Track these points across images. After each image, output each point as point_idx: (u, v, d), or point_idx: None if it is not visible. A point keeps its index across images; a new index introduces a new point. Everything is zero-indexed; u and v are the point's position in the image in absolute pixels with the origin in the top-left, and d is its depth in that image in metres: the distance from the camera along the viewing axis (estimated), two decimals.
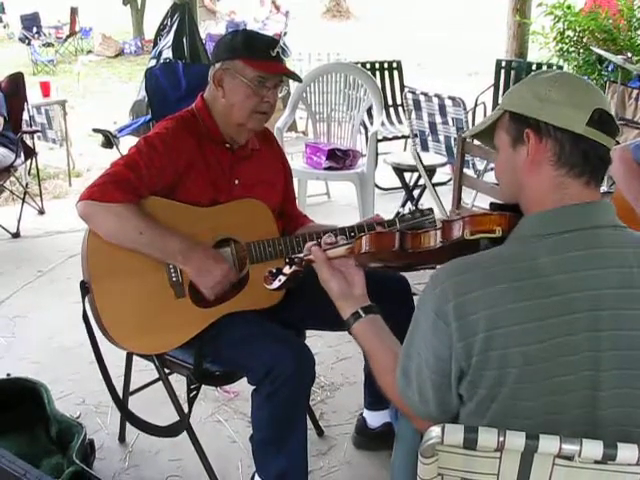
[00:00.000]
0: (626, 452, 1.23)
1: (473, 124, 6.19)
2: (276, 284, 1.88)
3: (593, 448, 1.23)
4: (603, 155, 1.42)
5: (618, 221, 1.42)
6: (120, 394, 2.66)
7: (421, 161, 4.97)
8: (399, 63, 7.27)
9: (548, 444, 1.24)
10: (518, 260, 1.36)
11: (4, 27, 20.44)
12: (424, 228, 1.66)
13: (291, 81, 5.72)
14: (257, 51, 2.35)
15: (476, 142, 3.91)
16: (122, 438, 2.91)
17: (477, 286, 1.34)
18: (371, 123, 5.77)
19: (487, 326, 1.31)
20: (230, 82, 2.37)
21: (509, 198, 1.53)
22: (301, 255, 1.83)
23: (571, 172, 1.40)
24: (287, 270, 1.86)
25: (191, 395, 2.39)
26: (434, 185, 5.13)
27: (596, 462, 1.25)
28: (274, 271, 1.89)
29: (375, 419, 2.78)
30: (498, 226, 1.50)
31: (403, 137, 6.56)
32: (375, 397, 2.70)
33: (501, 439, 1.25)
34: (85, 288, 2.33)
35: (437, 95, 5.13)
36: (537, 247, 1.36)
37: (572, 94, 1.42)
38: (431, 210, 2.36)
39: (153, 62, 6.89)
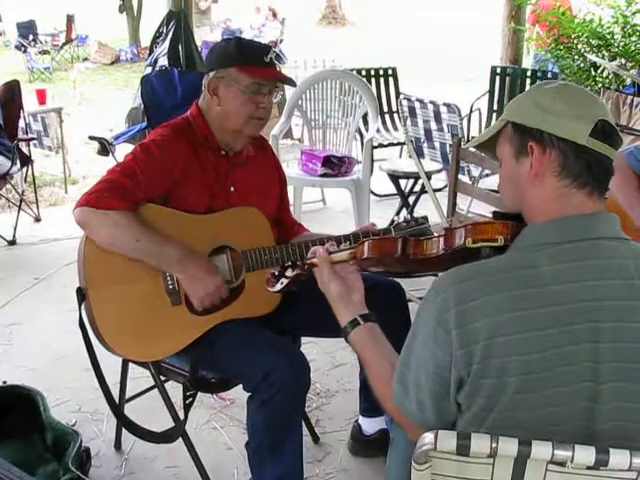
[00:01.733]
0: (618, 458, 1.23)
1: (468, 130, 6.22)
2: (278, 287, 1.89)
3: (585, 454, 1.24)
4: (606, 166, 1.42)
5: (621, 233, 1.42)
6: (116, 401, 2.66)
7: (421, 163, 4.98)
8: (394, 70, 7.28)
9: (541, 450, 1.25)
10: (520, 269, 1.36)
11: (0, 35, 20.45)
12: (426, 235, 1.67)
13: (287, 87, 5.75)
14: (251, 58, 2.36)
15: (471, 149, 3.93)
16: (118, 445, 2.91)
17: (478, 294, 1.33)
18: (366, 130, 5.79)
19: (488, 334, 1.31)
20: (225, 90, 2.38)
21: (512, 209, 1.53)
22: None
23: (574, 183, 1.40)
24: (290, 273, 1.86)
25: (187, 402, 2.40)
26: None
27: (588, 468, 1.25)
28: (276, 274, 1.90)
29: (370, 426, 2.78)
30: (500, 235, 1.50)
31: (398, 144, 6.58)
32: (370, 404, 2.70)
33: (494, 445, 1.25)
34: (81, 295, 2.33)
35: (432, 102, 5.15)
36: (539, 256, 1.36)
37: (575, 105, 1.42)
38: (426, 218, 2.38)
39: (149, 69, 6.91)
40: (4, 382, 2.89)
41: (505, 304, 1.32)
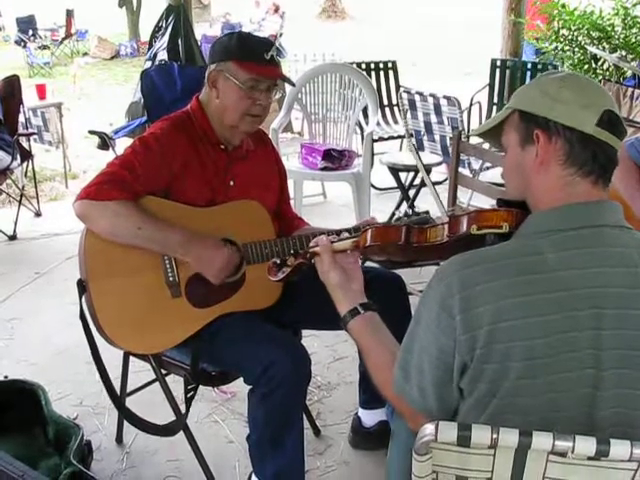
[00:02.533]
0: (619, 448, 1.23)
1: (468, 123, 6.21)
2: (280, 276, 1.89)
3: (586, 444, 1.24)
4: (611, 156, 1.43)
5: (624, 222, 1.43)
6: (117, 393, 2.66)
7: (419, 157, 4.97)
8: (394, 63, 7.27)
9: (541, 441, 1.24)
10: (524, 255, 1.37)
11: (0, 30, 20.43)
12: (430, 223, 1.67)
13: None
14: (251, 54, 2.35)
15: (472, 141, 3.93)
16: (119, 439, 2.92)
17: (483, 279, 1.34)
18: (366, 123, 5.78)
19: (492, 319, 1.32)
20: (223, 83, 2.37)
21: (516, 197, 1.54)
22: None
23: (579, 171, 1.41)
24: (291, 262, 1.86)
25: (188, 395, 2.40)
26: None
27: (589, 458, 1.25)
28: (278, 262, 1.90)
29: (370, 418, 2.78)
30: (505, 222, 1.51)
31: (399, 137, 6.57)
32: (370, 396, 2.70)
33: (494, 436, 1.25)
34: (82, 287, 2.33)
35: (432, 95, 5.14)
36: (543, 243, 1.38)
37: (582, 94, 1.43)
38: (427, 212, 2.36)
39: (148, 64, 6.90)
40: (5, 377, 2.90)
41: (509, 289, 1.33)
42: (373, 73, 7.09)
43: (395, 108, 7.00)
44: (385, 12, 22.84)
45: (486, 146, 4.51)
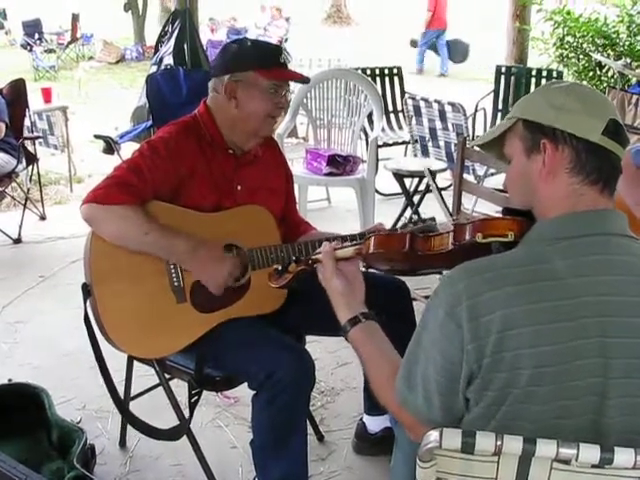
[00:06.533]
0: (623, 456, 1.23)
1: (473, 130, 6.21)
2: (281, 282, 1.90)
3: (590, 452, 1.24)
4: (615, 164, 1.44)
5: (629, 231, 1.43)
6: (121, 397, 2.67)
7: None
8: (399, 69, 7.27)
9: (545, 448, 1.25)
10: (532, 263, 1.37)
11: (6, 33, 20.48)
12: (435, 231, 1.66)
13: (292, 86, 5.66)
14: (270, 60, 2.39)
15: (476, 147, 3.92)
16: (123, 443, 2.92)
17: (491, 287, 1.34)
18: (371, 129, 5.78)
19: (500, 327, 1.31)
20: (244, 93, 2.39)
21: (521, 205, 1.54)
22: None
23: (586, 180, 1.41)
24: (293, 268, 1.87)
25: (192, 400, 2.40)
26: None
27: (593, 466, 1.25)
28: (280, 269, 1.91)
29: (375, 424, 2.78)
30: (510, 231, 1.51)
31: (403, 143, 6.57)
32: (375, 402, 2.68)
33: (499, 443, 1.25)
34: (87, 291, 2.34)
35: (437, 101, 5.15)
36: (549, 251, 1.37)
37: (587, 104, 1.44)
38: (434, 219, 2.36)
39: (154, 68, 6.90)
40: (10, 380, 2.91)
41: (516, 297, 1.32)
42: (378, 79, 7.09)
43: (400, 114, 7.00)
44: (390, 18, 22.82)
45: None
